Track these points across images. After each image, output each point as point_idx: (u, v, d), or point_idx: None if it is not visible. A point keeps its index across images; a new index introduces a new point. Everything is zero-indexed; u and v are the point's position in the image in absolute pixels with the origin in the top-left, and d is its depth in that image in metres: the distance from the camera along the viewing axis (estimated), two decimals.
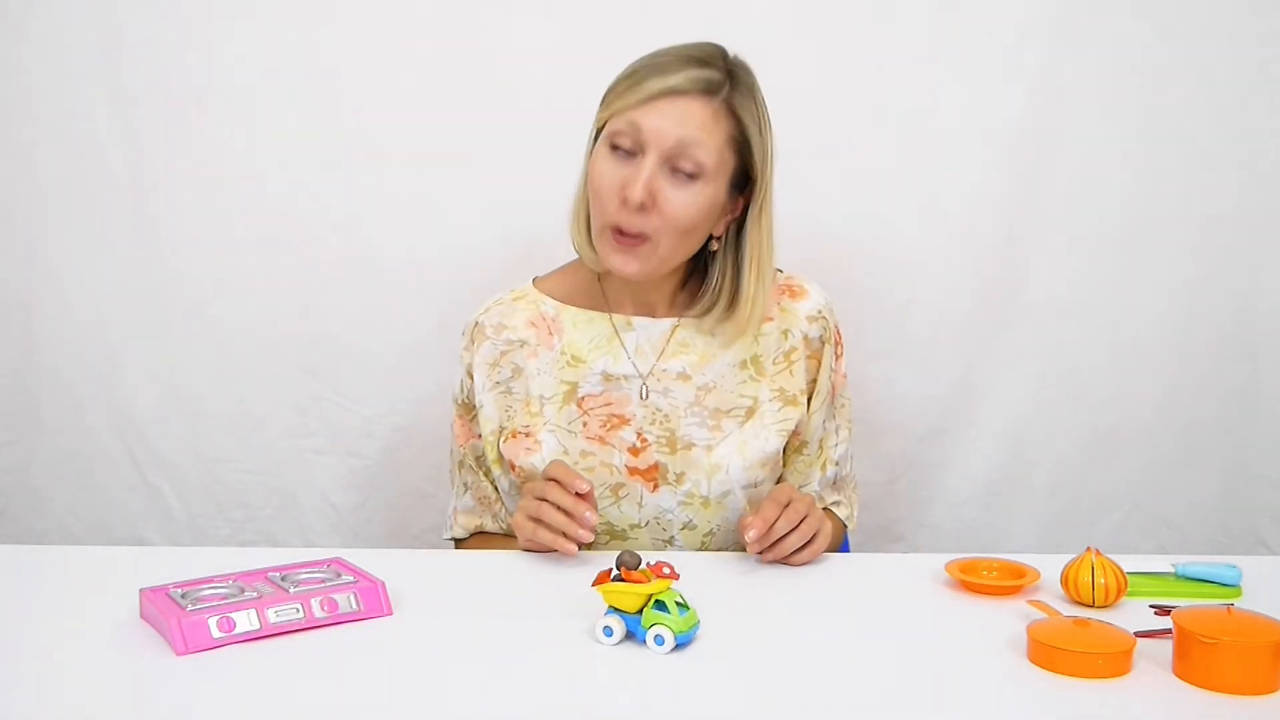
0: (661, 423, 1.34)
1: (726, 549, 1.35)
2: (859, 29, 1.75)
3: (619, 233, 1.26)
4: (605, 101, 1.29)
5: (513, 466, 1.36)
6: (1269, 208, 1.81)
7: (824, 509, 1.42)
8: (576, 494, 1.21)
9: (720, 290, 1.33)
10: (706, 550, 1.35)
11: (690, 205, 1.25)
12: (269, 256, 1.79)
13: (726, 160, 1.27)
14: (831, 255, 1.75)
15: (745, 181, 1.31)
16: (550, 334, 1.37)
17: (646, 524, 1.33)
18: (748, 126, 1.27)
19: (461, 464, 1.45)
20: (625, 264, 1.27)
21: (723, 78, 1.26)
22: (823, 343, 1.38)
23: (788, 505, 1.21)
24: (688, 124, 1.23)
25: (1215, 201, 1.81)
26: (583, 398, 1.35)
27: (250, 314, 1.80)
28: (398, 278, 1.80)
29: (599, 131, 1.30)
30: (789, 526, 1.20)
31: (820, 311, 1.39)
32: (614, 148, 1.26)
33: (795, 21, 1.74)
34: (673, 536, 1.34)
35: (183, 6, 1.73)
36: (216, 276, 1.80)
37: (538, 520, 1.21)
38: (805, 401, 1.37)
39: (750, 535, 1.18)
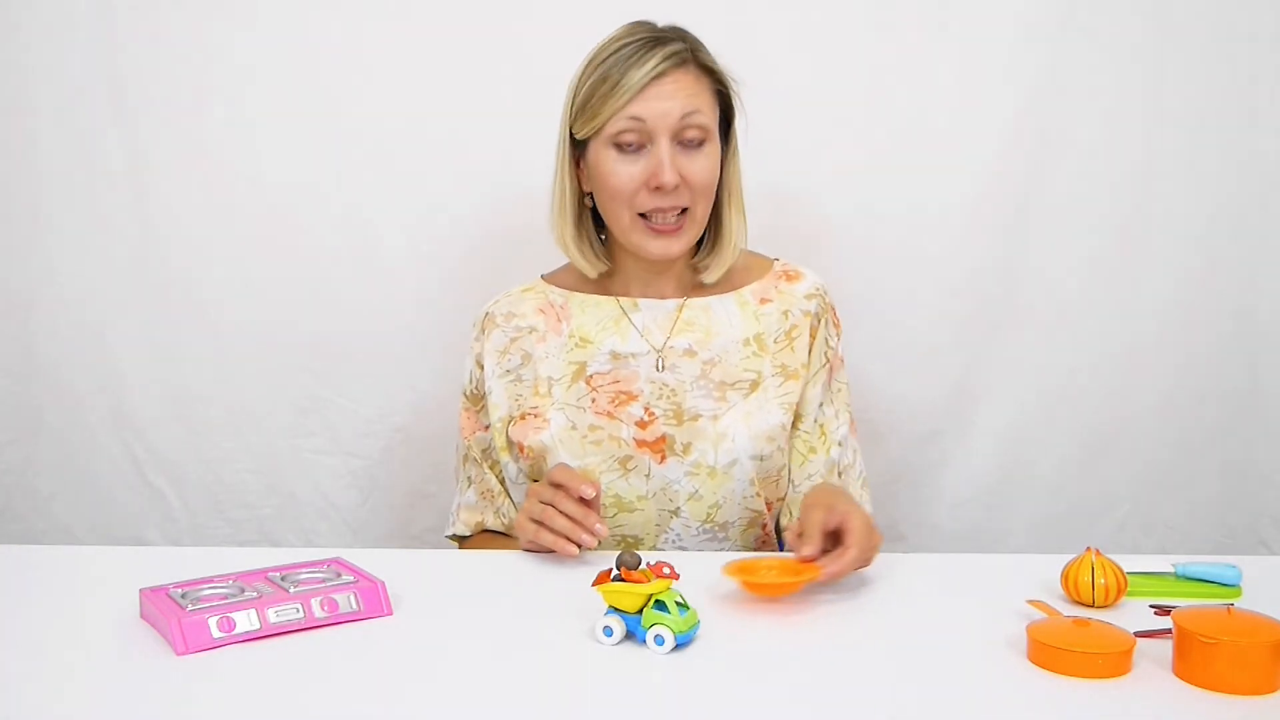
0: (669, 397, 1.36)
1: (731, 523, 1.36)
2: (858, 29, 1.76)
3: (654, 220, 1.32)
4: (586, 113, 1.32)
5: (521, 449, 1.37)
6: (1269, 209, 1.81)
7: None
8: (581, 498, 1.21)
9: (710, 229, 1.40)
10: (712, 523, 1.35)
11: (708, 168, 1.33)
12: (269, 257, 1.79)
13: (714, 115, 1.35)
14: (831, 256, 1.75)
15: (725, 127, 1.38)
16: (559, 320, 1.42)
17: (653, 495, 1.35)
18: (722, 77, 1.35)
19: (466, 457, 1.46)
20: (668, 247, 1.34)
21: (684, 45, 1.32)
22: (819, 318, 1.41)
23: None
24: (681, 96, 1.30)
25: (1215, 201, 1.80)
26: (591, 375, 1.38)
27: (250, 314, 1.81)
28: (398, 278, 1.80)
29: (582, 141, 1.35)
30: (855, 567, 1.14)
31: (816, 289, 1.43)
32: (620, 147, 1.31)
33: (794, 22, 1.74)
34: (679, 508, 1.35)
35: (183, 6, 1.73)
36: (216, 276, 1.80)
37: (540, 523, 1.21)
38: (804, 376, 1.39)
39: (812, 556, 1.12)
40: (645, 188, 1.31)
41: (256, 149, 1.77)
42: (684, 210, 1.33)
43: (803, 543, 1.12)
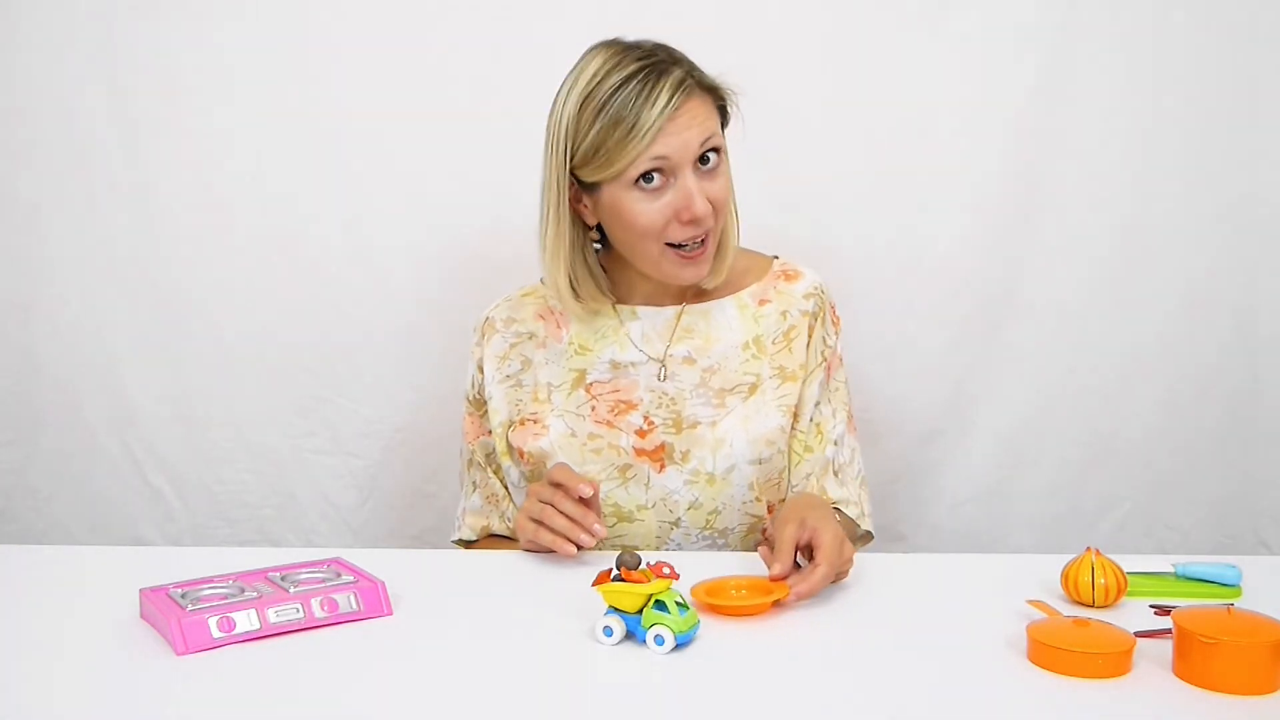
0: (668, 406, 1.36)
1: (730, 529, 1.36)
2: (858, 30, 1.75)
3: (683, 247, 1.31)
4: (599, 159, 1.26)
5: (521, 454, 1.37)
6: (1269, 210, 1.81)
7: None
8: (580, 498, 1.21)
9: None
10: (711, 529, 1.35)
11: (725, 186, 1.32)
12: (269, 257, 1.79)
13: (720, 128, 1.33)
14: (832, 256, 1.75)
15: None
16: (559, 326, 1.41)
17: (654, 505, 1.34)
18: (720, 91, 1.33)
19: (471, 462, 1.46)
20: (699, 271, 1.34)
21: (683, 70, 1.29)
22: (816, 316, 1.40)
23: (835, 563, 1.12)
24: (697, 126, 1.27)
25: (1215, 202, 1.80)
26: (591, 383, 1.38)
27: (250, 314, 1.81)
28: (398, 279, 1.80)
29: (591, 184, 1.30)
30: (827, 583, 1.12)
31: (814, 288, 1.42)
32: (644, 187, 1.27)
33: (794, 23, 1.74)
34: (679, 518, 1.35)
35: (183, 7, 1.73)
36: (216, 277, 1.80)
37: (539, 522, 1.22)
38: (802, 376, 1.38)
39: (776, 571, 1.10)
40: (676, 220, 1.28)
41: (256, 150, 1.77)
42: (709, 234, 1.32)
43: (773, 559, 1.10)
